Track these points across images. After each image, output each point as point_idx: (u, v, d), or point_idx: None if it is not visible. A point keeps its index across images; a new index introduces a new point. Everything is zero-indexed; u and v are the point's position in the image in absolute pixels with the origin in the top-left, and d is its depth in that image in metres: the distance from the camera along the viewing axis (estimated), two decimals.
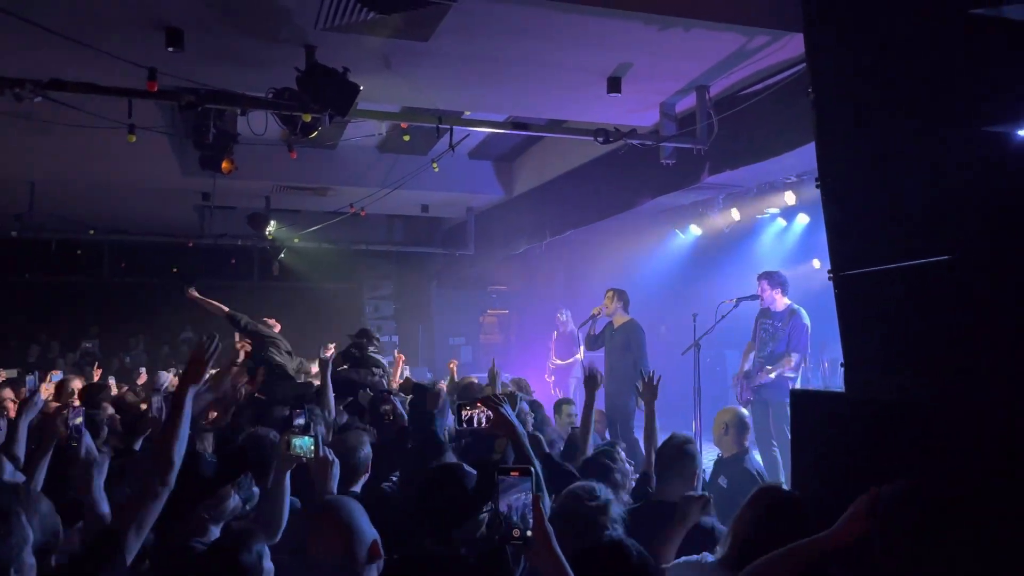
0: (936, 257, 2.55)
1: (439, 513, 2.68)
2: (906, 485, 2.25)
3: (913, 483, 2.28)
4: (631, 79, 6.42)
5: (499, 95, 7.08)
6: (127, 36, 5.43)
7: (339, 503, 2.56)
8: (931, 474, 2.37)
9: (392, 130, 9.33)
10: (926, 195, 2.64)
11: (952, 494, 2.28)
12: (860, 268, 2.88)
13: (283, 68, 5.66)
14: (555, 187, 10.45)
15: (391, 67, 6.18)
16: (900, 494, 2.19)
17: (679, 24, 5.34)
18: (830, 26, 3.09)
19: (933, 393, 2.56)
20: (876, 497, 2.17)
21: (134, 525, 2.33)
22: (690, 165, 7.42)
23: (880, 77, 2.82)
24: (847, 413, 2.83)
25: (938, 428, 2.44)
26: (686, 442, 3.51)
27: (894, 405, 2.64)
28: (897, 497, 2.18)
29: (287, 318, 8.36)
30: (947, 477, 2.32)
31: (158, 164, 9.19)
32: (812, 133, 3.13)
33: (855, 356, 2.92)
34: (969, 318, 2.47)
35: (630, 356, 7.48)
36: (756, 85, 6.56)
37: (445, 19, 5.21)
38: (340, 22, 5.27)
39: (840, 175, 3.02)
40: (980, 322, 2.44)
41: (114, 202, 11.50)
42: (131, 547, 2.31)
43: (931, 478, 2.36)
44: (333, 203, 11.25)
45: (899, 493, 2.20)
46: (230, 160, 6.77)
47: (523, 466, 2.00)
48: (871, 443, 2.65)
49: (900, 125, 2.74)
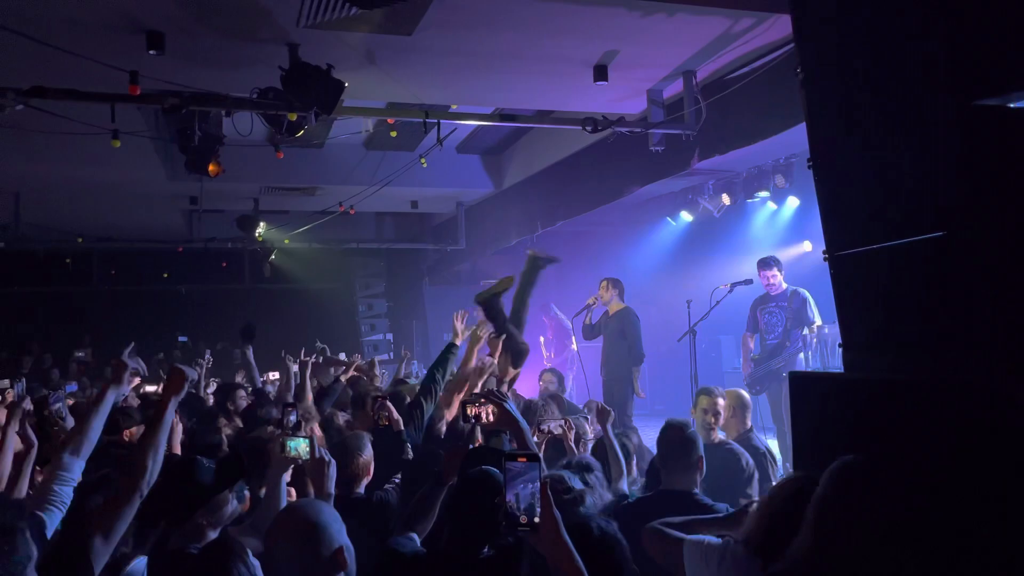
0: (929, 234, 2.54)
1: (469, 515, 2.59)
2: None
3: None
4: (617, 67, 6.39)
5: (485, 87, 7.05)
6: (107, 41, 5.38)
7: (307, 506, 2.46)
8: (925, 452, 2.36)
9: (379, 127, 9.30)
10: (918, 171, 2.62)
11: (944, 473, 2.27)
12: (855, 248, 2.87)
13: (267, 67, 5.62)
14: (544, 178, 10.42)
15: (375, 63, 6.13)
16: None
17: (663, 9, 5.31)
18: (817, 4, 3.07)
19: (928, 371, 2.55)
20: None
21: (101, 533, 2.29)
22: (679, 151, 7.40)
23: (868, 54, 2.81)
24: (845, 393, 2.82)
25: (935, 407, 2.43)
26: (684, 428, 3.48)
27: (892, 384, 2.63)
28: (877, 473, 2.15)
29: (280, 320, 8.36)
30: (940, 455, 2.32)
31: (144, 169, 9.13)
32: (802, 114, 3.12)
33: (852, 336, 2.91)
34: (962, 294, 2.46)
35: (625, 343, 7.58)
36: (743, 68, 6.55)
37: (428, 12, 5.17)
38: (322, 19, 5.22)
39: (831, 154, 3.00)
40: (973, 298, 2.43)
41: (101, 209, 11.43)
42: (99, 555, 2.28)
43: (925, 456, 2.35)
44: (322, 202, 11.21)
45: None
46: (216, 162, 6.72)
47: (530, 452, 1.98)
48: (870, 422, 2.64)
49: (890, 101, 2.72)
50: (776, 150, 7.40)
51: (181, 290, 14.91)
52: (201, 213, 11.13)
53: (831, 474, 2.13)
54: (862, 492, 2.07)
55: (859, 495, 2.07)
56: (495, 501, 2.43)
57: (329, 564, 2.24)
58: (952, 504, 2.22)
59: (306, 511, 2.36)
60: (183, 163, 6.92)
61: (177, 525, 2.66)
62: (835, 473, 2.12)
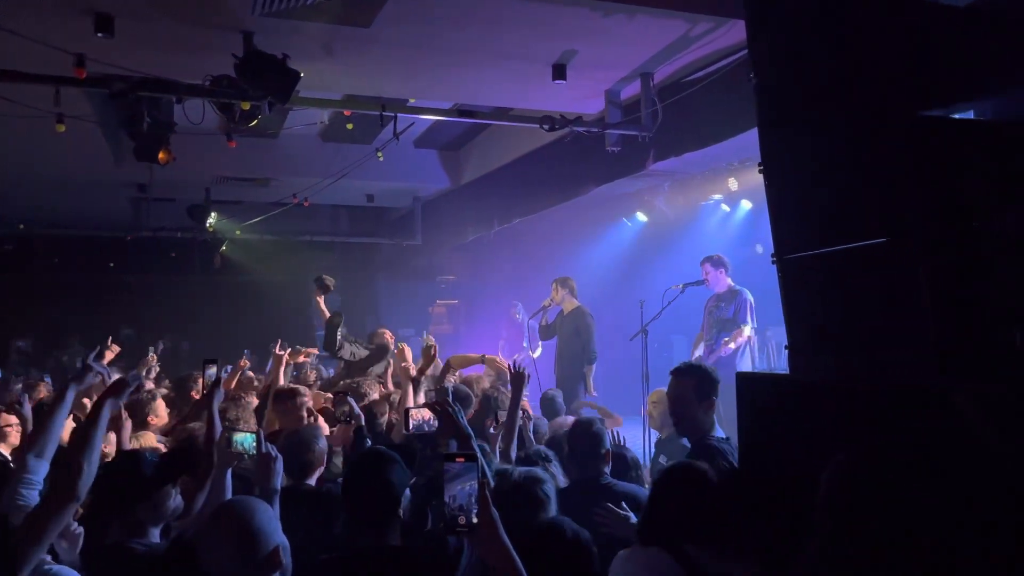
0: (873, 240, 2.60)
1: (371, 505, 2.63)
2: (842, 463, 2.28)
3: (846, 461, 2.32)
4: (576, 66, 6.42)
5: (444, 82, 7.01)
6: (54, 21, 5.21)
7: (241, 503, 2.39)
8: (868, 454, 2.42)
9: (335, 119, 9.17)
10: (863, 178, 2.68)
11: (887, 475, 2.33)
12: (801, 251, 2.92)
13: (220, 55, 5.50)
14: (502, 175, 10.42)
15: (333, 54, 6.06)
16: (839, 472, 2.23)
17: (622, 11, 5.35)
18: (769, 12, 3.11)
19: (870, 373, 2.62)
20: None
21: (37, 541, 2.23)
22: (635, 152, 7.47)
23: (818, 62, 2.86)
24: (791, 394, 2.86)
25: (878, 409, 2.49)
26: (592, 424, 3.69)
27: (836, 386, 2.68)
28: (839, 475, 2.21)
29: (230, 312, 8.22)
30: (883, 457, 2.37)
31: (90, 155, 8.86)
32: (755, 118, 3.16)
33: (798, 338, 2.96)
34: (903, 299, 2.53)
35: (579, 341, 7.63)
36: (700, 72, 6.63)
37: (387, 5, 5.13)
38: (279, 7, 5.14)
39: (781, 160, 3.05)
40: (913, 302, 2.49)
41: (44, 195, 11.08)
42: (30, 561, 2.22)
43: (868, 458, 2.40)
44: (276, 193, 11.04)
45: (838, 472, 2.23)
46: (167, 150, 6.56)
47: (468, 452, 1.99)
48: (814, 423, 2.69)
49: (838, 110, 2.77)
50: (730, 153, 7.52)
51: (127, 279, 14.55)
52: (150, 201, 10.86)
53: (831, 476, 2.17)
54: (866, 490, 2.12)
55: (863, 493, 2.12)
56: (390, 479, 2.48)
57: (265, 564, 2.21)
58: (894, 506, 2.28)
59: (240, 512, 2.30)
60: (132, 150, 6.74)
61: (116, 516, 2.61)
62: (834, 475, 2.17)
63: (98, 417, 2.59)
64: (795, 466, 2.41)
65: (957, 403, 2.19)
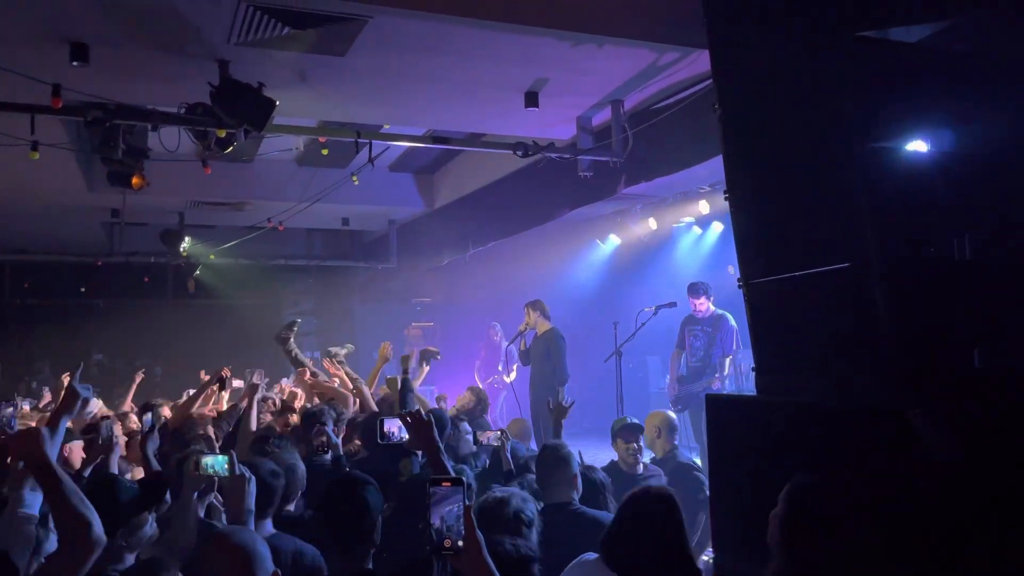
0: (835, 265, 2.71)
1: (343, 529, 2.66)
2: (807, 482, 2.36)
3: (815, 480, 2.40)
4: (548, 93, 6.53)
5: (418, 109, 7.10)
6: (29, 50, 5.22)
7: (238, 535, 2.34)
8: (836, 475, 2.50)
9: (310, 144, 9.21)
10: (824, 206, 2.79)
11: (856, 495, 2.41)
12: (767, 276, 3.02)
13: (195, 83, 5.54)
14: (476, 199, 10.51)
15: (308, 82, 6.12)
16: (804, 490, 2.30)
17: (591, 41, 5.47)
18: (732, 46, 3.24)
19: (834, 395, 2.71)
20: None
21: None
22: (607, 177, 7.59)
23: (778, 95, 2.98)
24: (759, 416, 2.95)
25: (841, 430, 2.57)
26: (559, 448, 3.74)
27: (802, 407, 2.77)
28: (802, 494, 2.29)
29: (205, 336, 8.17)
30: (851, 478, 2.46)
31: (63, 180, 8.82)
32: None
33: (764, 361, 3.05)
34: (864, 322, 2.63)
35: (550, 364, 7.68)
36: (669, 99, 6.77)
37: (361, 34, 5.21)
38: (254, 37, 5.19)
39: (746, 187, 3.16)
40: (874, 325, 2.59)
41: (14, 219, 10.95)
42: None
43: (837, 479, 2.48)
44: (250, 218, 11.02)
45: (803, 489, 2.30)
46: (141, 175, 6.55)
47: (455, 476, 2.04)
48: (782, 445, 2.78)
49: (798, 140, 2.89)
50: (700, 178, 7.66)
51: (99, 304, 14.38)
52: (123, 226, 10.78)
53: (788, 494, 2.25)
54: (820, 510, 2.20)
55: (817, 513, 2.19)
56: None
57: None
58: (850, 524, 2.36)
59: (238, 541, 2.27)
60: (105, 174, 6.72)
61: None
62: (791, 493, 2.25)
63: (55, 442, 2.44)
64: (761, 485, 2.48)
65: (913, 422, 2.28)
